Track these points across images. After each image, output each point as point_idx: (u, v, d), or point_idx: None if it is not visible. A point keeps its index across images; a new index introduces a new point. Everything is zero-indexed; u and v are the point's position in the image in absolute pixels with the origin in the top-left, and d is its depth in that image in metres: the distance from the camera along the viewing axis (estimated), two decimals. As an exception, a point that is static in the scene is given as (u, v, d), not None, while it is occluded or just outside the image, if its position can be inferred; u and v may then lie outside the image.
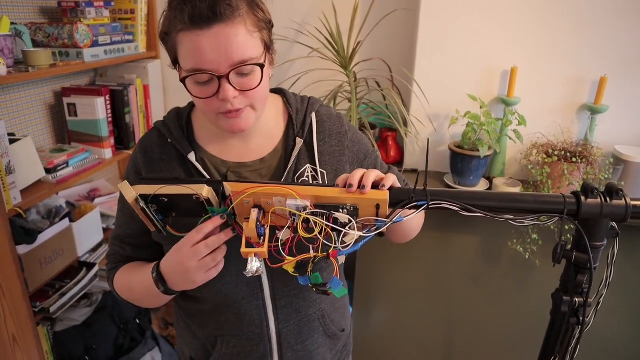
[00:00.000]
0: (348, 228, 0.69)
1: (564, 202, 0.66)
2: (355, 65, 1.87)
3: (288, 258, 0.70)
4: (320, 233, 0.69)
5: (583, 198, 0.65)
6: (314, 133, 0.91)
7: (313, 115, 0.93)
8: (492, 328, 1.88)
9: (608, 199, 0.65)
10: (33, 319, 1.50)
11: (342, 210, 0.70)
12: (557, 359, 0.71)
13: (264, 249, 0.70)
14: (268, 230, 0.72)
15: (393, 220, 0.67)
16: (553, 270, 0.75)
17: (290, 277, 0.87)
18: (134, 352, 1.80)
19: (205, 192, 0.71)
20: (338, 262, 0.72)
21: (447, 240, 1.80)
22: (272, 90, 0.96)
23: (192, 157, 0.87)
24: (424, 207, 0.68)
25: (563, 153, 1.59)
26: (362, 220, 0.70)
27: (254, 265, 0.71)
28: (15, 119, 1.65)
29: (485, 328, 1.88)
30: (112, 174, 2.21)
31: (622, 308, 1.75)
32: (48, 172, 1.56)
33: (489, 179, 1.78)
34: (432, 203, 0.68)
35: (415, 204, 0.68)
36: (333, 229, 0.69)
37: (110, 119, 1.84)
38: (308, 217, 0.69)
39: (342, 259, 0.98)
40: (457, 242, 1.80)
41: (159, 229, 0.78)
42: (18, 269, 1.40)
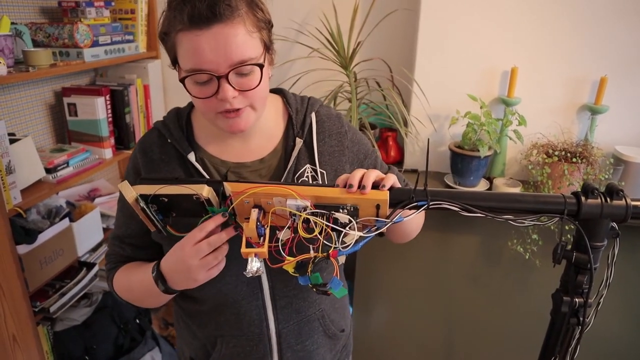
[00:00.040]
0: (348, 228, 0.69)
1: (564, 202, 0.66)
2: (356, 65, 1.87)
3: (288, 258, 0.70)
4: (321, 233, 0.69)
5: (583, 198, 0.65)
6: (314, 133, 0.91)
7: (313, 116, 0.93)
8: (492, 328, 1.88)
9: (608, 199, 0.65)
10: (33, 319, 1.50)
11: (342, 211, 0.70)
12: (557, 359, 0.71)
13: (264, 249, 0.70)
14: (268, 231, 0.72)
15: (393, 221, 0.67)
16: (553, 271, 0.75)
17: (290, 277, 0.87)
18: (134, 352, 1.80)
19: (206, 192, 0.71)
20: (338, 262, 0.72)
21: (447, 241, 1.80)
22: (271, 91, 0.96)
23: (191, 157, 0.87)
24: (424, 207, 0.68)
25: (563, 153, 1.59)
26: (362, 221, 0.70)
27: (254, 266, 0.70)
28: (16, 119, 1.65)
29: (486, 328, 1.88)
30: (112, 174, 2.21)
31: (622, 308, 1.75)
32: (48, 171, 1.56)
33: (489, 179, 1.78)
34: (432, 203, 0.68)
35: (416, 204, 0.68)
36: (333, 229, 0.69)
37: (111, 119, 1.84)
38: (308, 217, 0.69)
39: (342, 259, 0.97)
40: (457, 242, 1.79)
41: (159, 229, 0.78)
42: (18, 269, 1.40)
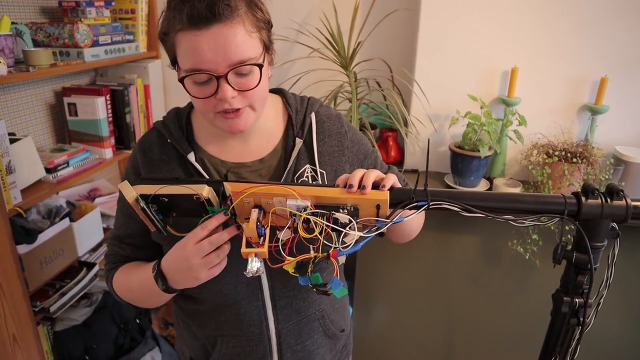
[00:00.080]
0: (348, 228, 0.69)
1: (565, 202, 0.66)
2: (356, 66, 1.87)
3: (288, 258, 0.70)
4: (321, 233, 0.69)
5: (583, 198, 0.65)
6: (314, 133, 0.91)
7: (312, 116, 0.93)
8: (492, 328, 1.88)
9: (608, 200, 0.65)
10: (33, 319, 1.50)
11: (342, 211, 0.70)
12: (557, 359, 0.71)
13: (264, 249, 0.70)
14: (268, 231, 0.72)
15: (393, 221, 0.67)
16: (553, 271, 0.75)
17: (290, 277, 0.87)
18: (134, 352, 1.80)
19: (206, 192, 0.71)
20: (338, 262, 0.72)
21: (447, 241, 1.80)
22: (271, 91, 0.96)
23: (191, 157, 0.87)
24: (425, 207, 0.68)
25: (563, 153, 1.59)
26: (362, 221, 0.70)
27: (254, 266, 0.70)
28: (16, 119, 1.65)
29: (486, 328, 1.88)
30: (112, 174, 2.21)
31: (622, 309, 1.75)
32: (48, 171, 1.56)
33: (490, 180, 1.78)
34: (432, 203, 0.68)
35: (416, 205, 0.68)
36: (333, 229, 0.69)
37: (111, 119, 1.84)
38: (308, 217, 0.69)
39: (342, 259, 0.98)
40: (457, 242, 1.79)
41: (159, 229, 0.78)
42: (18, 269, 1.40)
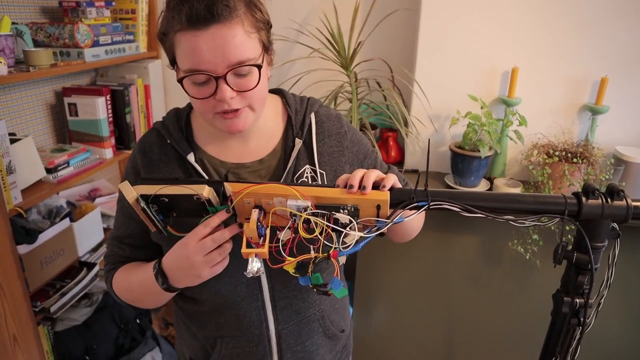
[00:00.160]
0: (349, 228, 0.69)
1: (565, 202, 0.66)
2: (356, 66, 1.87)
3: (289, 259, 0.70)
4: (321, 234, 0.69)
5: (584, 199, 0.65)
6: (313, 133, 0.91)
7: (312, 116, 0.93)
8: (492, 329, 1.88)
9: (609, 200, 0.65)
10: (33, 319, 1.50)
11: (342, 211, 0.70)
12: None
13: (265, 250, 0.70)
14: (269, 231, 0.72)
15: (394, 221, 0.67)
16: (554, 271, 0.75)
17: (290, 278, 0.87)
18: (134, 352, 1.80)
19: (206, 192, 0.71)
20: (339, 262, 0.72)
21: (447, 241, 1.80)
22: (271, 91, 0.96)
23: (191, 157, 0.87)
24: (425, 207, 0.68)
25: (564, 153, 1.59)
26: (362, 221, 0.70)
27: (255, 266, 0.70)
28: (16, 119, 1.65)
29: (486, 328, 1.88)
30: (112, 174, 2.21)
31: (622, 309, 1.75)
32: (49, 171, 1.56)
33: (490, 180, 1.78)
34: (432, 203, 0.68)
35: (416, 205, 0.68)
36: (334, 230, 0.69)
37: (111, 119, 1.84)
38: (309, 217, 0.69)
39: (342, 260, 0.98)
40: (457, 242, 1.79)
41: (160, 229, 0.78)
42: (18, 269, 1.40)
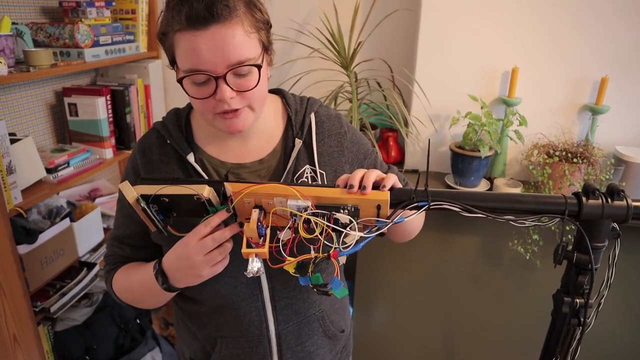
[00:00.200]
0: (349, 228, 0.69)
1: (565, 202, 0.66)
2: (356, 66, 1.87)
3: (289, 259, 0.70)
4: (321, 234, 0.69)
5: (584, 199, 0.65)
6: (313, 134, 0.91)
7: (312, 116, 0.93)
8: (492, 329, 1.88)
9: (609, 200, 0.65)
10: (34, 319, 1.50)
11: (342, 211, 0.70)
12: (557, 360, 0.71)
13: (265, 250, 0.70)
14: (269, 231, 0.72)
15: (394, 221, 0.67)
16: (554, 271, 0.75)
17: (290, 278, 0.87)
18: (135, 352, 1.80)
19: (206, 192, 0.71)
20: (339, 262, 0.72)
21: (447, 241, 1.80)
22: (271, 91, 0.96)
23: (190, 158, 0.87)
24: (425, 207, 0.68)
25: (564, 153, 1.59)
26: (363, 221, 0.70)
27: (255, 266, 0.70)
28: (16, 119, 1.65)
29: (486, 329, 1.88)
30: (112, 174, 2.21)
31: (623, 309, 1.75)
32: (49, 172, 1.56)
33: (490, 180, 1.78)
34: (433, 204, 0.68)
35: (416, 205, 0.68)
36: (334, 230, 0.69)
37: (111, 119, 1.84)
38: (309, 217, 0.69)
39: (343, 260, 0.98)
40: (457, 242, 1.79)
41: (160, 229, 0.78)
42: (19, 269, 1.40)
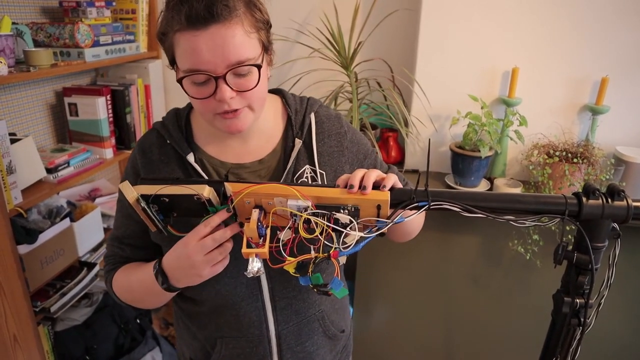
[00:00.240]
0: (349, 229, 0.69)
1: (565, 203, 0.66)
2: (356, 66, 1.87)
3: (289, 259, 0.70)
4: (321, 234, 0.69)
5: (584, 199, 0.65)
6: (313, 134, 0.91)
7: (312, 116, 0.93)
8: (492, 329, 1.88)
9: (609, 200, 0.65)
10: (34, 319, 1.50)
11: (343, 211, 0.70)
12: (558, 360, 0.71)
13: (265, 250, 0.70)
14: (269, 231, 0.72)
15: (394, 221, 0.67)
16: (554, 271, 0.75)
17: (290, 278, 0.87)
18: (135, 352, 1.80)
19: (207, 192, 0.71)
20: (339, 262, 0.72)
21: (447, 241, 1.80)
22: (270, 91, 0.96)
23: (190, 158, 0.87)
24: (425, 207, 0.68)
25: (564, 154, 1.59)
26: (363, 221, 0.70)
27: (255, 266, 0.70)
28: (16, 119, 1.65)
29: (486, 329, 1.88)
30: (113, 174, 2.21)
31: (623, 309, 1.75)
32: (49, 171, 1.56)
33: (490, 180, 1.78)
34: (433, 204, 0.68)
35: (417, 205, 0.68)
36: (334, 230, 0.69)
37: (111, 119, 1.84)
38: (309, 217, 0.69)
39: (343, 260, 0.98)
40: (457, 242, 1.79)
41: (160, 229, 0.78)
42: (19, 269, 1.40)
